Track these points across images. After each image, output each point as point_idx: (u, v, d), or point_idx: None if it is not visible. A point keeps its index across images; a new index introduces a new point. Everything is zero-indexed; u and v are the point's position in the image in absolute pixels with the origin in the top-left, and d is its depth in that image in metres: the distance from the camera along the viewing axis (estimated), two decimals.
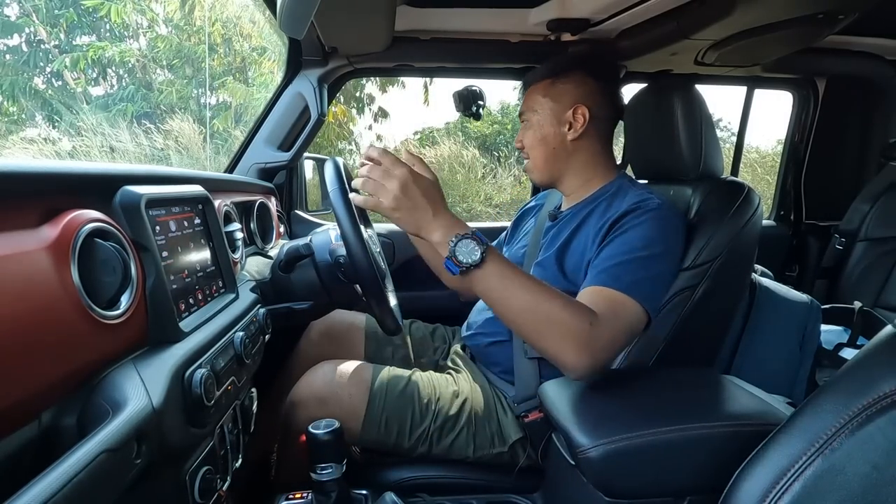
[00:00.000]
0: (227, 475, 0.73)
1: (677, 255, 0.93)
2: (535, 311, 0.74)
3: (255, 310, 0.84)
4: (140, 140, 5.48)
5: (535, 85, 1.05)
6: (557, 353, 0.75)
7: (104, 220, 0.54)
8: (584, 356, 0.74)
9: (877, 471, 0.45)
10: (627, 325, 0.81)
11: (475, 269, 0.73)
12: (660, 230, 0.89)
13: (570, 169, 1.05)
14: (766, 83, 1.75)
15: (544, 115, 1.03)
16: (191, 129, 5.32)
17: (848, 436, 0.47)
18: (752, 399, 0.79)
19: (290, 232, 1.56)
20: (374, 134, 7.37)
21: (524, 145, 1.07)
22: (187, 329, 0.63)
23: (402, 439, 0.96)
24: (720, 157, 1.07)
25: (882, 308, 1.46)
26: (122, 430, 0.45)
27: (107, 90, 7.23)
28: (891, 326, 0.52)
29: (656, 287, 0.87)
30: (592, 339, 0.75)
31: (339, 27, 1.13)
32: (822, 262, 1.67)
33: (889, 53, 1.54)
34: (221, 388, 0.64)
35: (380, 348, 1.22)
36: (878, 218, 1.52)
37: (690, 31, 1.08)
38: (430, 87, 7.18)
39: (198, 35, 6.49)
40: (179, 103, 6.47)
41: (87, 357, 0.49)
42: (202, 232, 0.78)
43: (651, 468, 0.72)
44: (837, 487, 0.47)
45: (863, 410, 0.47)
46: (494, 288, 0.74)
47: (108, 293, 0.54)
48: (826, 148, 1.76)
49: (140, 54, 6.89)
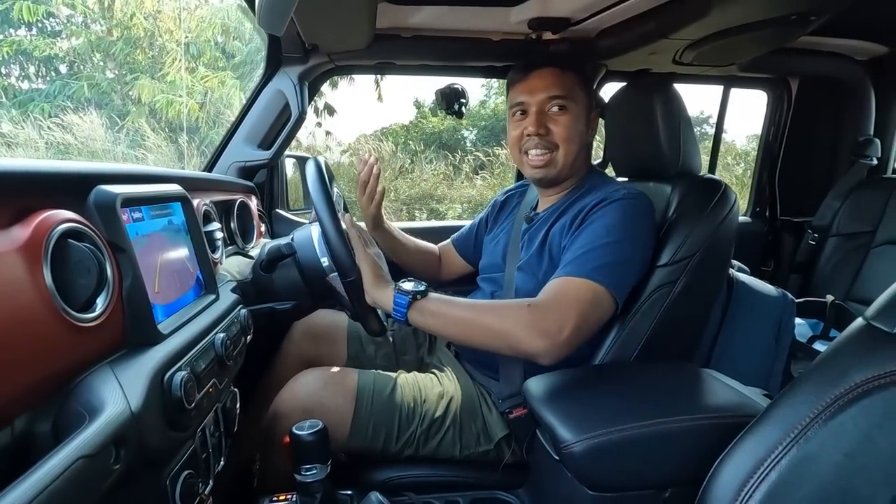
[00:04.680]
0: (209, 479, 0.72)
1: (643, 241, 0.93)
2: (475, 322, 0.85)
3: (236, 310, 0.83)
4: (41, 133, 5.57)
5: (565, 71, 0.99)
6: (514, 345, 0.82)
7: (78, 221, 0.53)
8: (535, 338, 0.81)
9: (848, 459, 0.47)
10: (583, 305, 0.84)
11: (415, 305, 0.86)
12: (623, 217, 0.91)
13: (578, 169, 1.05)
14: (741, 82, 1.79)
15: (581, 108, 0.99)
16: (90, 122, 5.54)
17: (821, 425, 0.49)
18: (730, 391, 0.81)
19: (271, 231, 1.54)
20: (324, 131, 7.34)
21: (552, 134, 0.98)
22: (166, 331, 0.62)
23: (389, 444, 0.95)
24: (698, 154, 1.10)
25: (853, 301, 1.51)
26: (99, 435, 0.44)
27: (30, 86, 7.02)
28: (861, 319, 0.54)
29: (619, 270, 0.88)
30: (536, 321, 0.81)
31: (320, 24, 1.11)
32: (796, 257, 1.72)
33: (858, 54, 1.59)
34: (202, 391, 0.63)
35: (363, 347, 1.21)
36: (849, 214, 1.57)
37: (668, 30, 1.09)
38: (381, 83, 7.14)
39: (118, 29, 6.37)
40: (103, 98, 6.34)
41: (62, 361, 0.48)
42: (181, 232, 0.77)
43: (633, 461, 0.73)
44: (811, 476, 0.48)
45: (835, 401, 0.49)
46: (436, 312, 0.86)
47: (83, 295, 0.52)
48: (799, 146, 1.80)
49: (56, 48, 6.71)
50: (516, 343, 0.82)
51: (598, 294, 0.85)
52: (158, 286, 0.66)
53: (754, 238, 1.86)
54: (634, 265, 0.92)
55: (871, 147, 1.63)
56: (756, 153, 1.97)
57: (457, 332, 0.87)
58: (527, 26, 1.21)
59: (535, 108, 0.99)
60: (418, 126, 8.09)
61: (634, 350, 0.95)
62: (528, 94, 1.00)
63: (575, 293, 0.85)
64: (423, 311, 0.86)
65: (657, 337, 0.94)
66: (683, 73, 1.45)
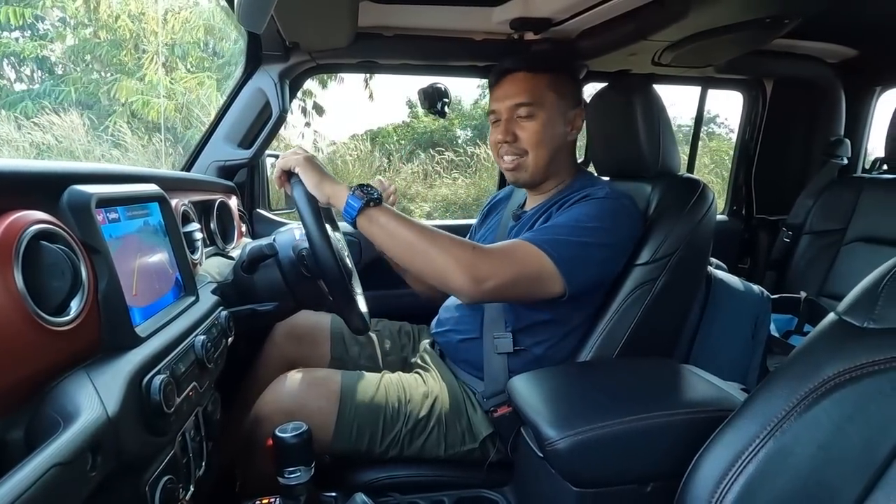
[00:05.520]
0: (189, 484, 0.71)
1: (615, 240, 0.93)
2: (418, 246, 0.84)
3: (216, 312, 0.82)
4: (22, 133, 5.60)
5: (536, 74, 0.99)
6: (443, 277, 0.83)
7: (50, 222, 0.51)
8: (465, 277, 0.82)
9: (822, 450, 0.48)
10: (523, 268, 0.86)
11: (367, 210, 0.84)
12: (600, 212, 0.92)
13: (557, 170, 1.04)
14: (718, 84, 1.83)
15: (553, 110, 0.99)
16: (70, 122, 5.60)
17: (796, 418, 0.50)
18: (709, 387, 0.83)
19: (252, 231, 1.52)
20: (312, 131, 7.31)
21: (520, 140, 0.99)
22: (144, 334, 0.61)
23: (373, 445, 0.95)
24: (677, 154, 1.12)
25: (825, 296, 1.55)
26: (74, 441, 0.42)
27: (28, 86, 6.97)
28: (833, 314, 0.55)
29: (576, 254, 0.88)
30: (474, 263, 0.83)
31: (301, 22, 1.10)
32: (772, 255, 1.76)
33: (829, 57, 1.64)
34: (182, 395, 0.62)
35: (346, 348, 1.21)
36: (821, 212, 1.61)
37: (648, 32, 1.11)
38: (370, 83, 7.12)
39: (104, 31, 6.35)
40: (89, 99, 6.30)
41: (35, 366, 0.47)
42: (159, 233, 0.75)
43: (616, 457, 0.74)
44: (787, 468, 0.49)
45: (809, 394, 0.50)
46: (385, 224, 0.84)
47: (57, 298, 0.51)
48: (774, 146, 1.85)
49: (47, 49, 6.68)
50: (445, 275, 0.83)
51: (545, 267, 0.86)
52: (136, 288, 0.64)
53: (731, 236, 1.90)
54: (596, 258, 0.90)
55: (841, 147, 1.68)
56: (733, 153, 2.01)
57: (399, 251, 0.86)
58: (509, 26, 1.22)
59: (504, 115, 1.01)
60: (410, 126, 8.11)
61: (617, 347, 0.96)
62: (498, 101, 1.02)
63: (522, 255, 0.87)
64: (373, 219, 0.84)
65: (638, 334, 0.96)
66: (662, 73, 1.48)
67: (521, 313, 0.99)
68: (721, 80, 1.80)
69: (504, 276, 0.84)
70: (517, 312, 0.99)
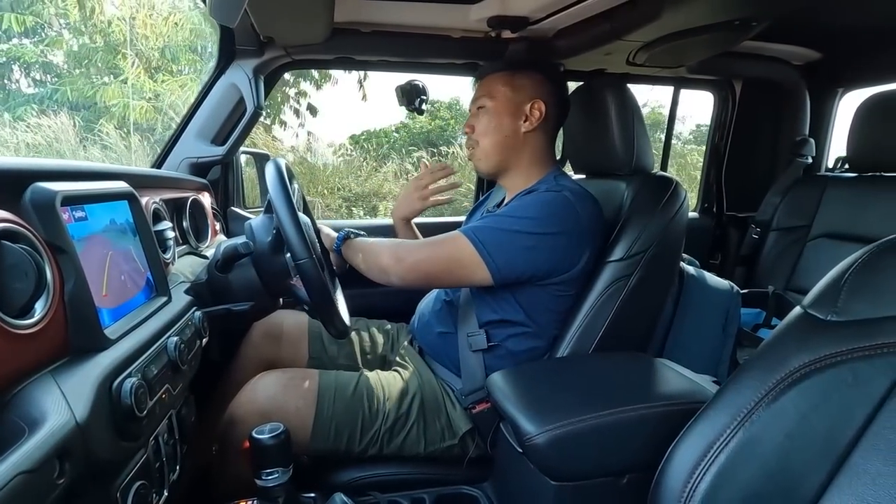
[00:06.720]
0: (163, 489, 0.69)
1: (546, 228, 0.92)
2: (370, 252, 1.01)
3: (190, 313, 0.80)
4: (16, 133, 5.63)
5: (495, 74, 1.06)
6: (377, 257, 0.99)
7: (12, 221, 0.49)
8: (389, 255, 0.97)
9: (788, 439, 0.50)
10: (442, 249, 0.95)
11: (346, 244, 1.06)
12: (535, 202, 0.96)
13: (516, 162, 1.07)
14: (690, 84, 1.87)
15: (502, 102, 1.04)
16: (59, 124, 5.73)
17: (765, 409, 0.52)
18: (682, 380, 0.85)
19: (227, 230, 1.48)
20: (306, 132, 7.28)
21: (475, 130, 1.07)
22: (114, 336, 0.59)
23: (352, 444, 0.94)
24: (651, 152, 1.14)
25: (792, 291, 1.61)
26: (40, 448, 0.41)
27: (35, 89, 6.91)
28: (799, 308, 0.57)
29: (501, 240, 0.92)
30: (399, 244, 0.99)
31: (275, 16, 1.08)
32: (741, 251, 1.81)
33: (795, 59, 1.69)
34: (155, 398, 0.61)
35: (325, 347, 1.19)
36: (787, 209, 1.67)
37: (622, 32, 1.13)
38: (364, 83, 7.10)
39: (99, 35, 6.35)
40: (86, 102, 6.26)
41: None
42: (128, 231, 0.73)
43: (593, 450, 0.75)
44: (756, 456, 0.51)
45: (777, 385, 0.52)
46: (356, 249, 1.04)
47: (20, 300, 0.49)
48: (743, 145, 1.90)
49: (39, 53, 6.59)
50: (378, 258, 0.98)
51: (466, 252, 0.92)
52: (106, 289, 0.62)
53: (703, 233, 1.94)
54: (519, 246, 0.91)
55: (806, 146, 1.74)
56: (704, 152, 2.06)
57: (364, 265, 1.01)
58: (486, 24, 1.22)
59: (471, 112, 1.10)
60: (406, 126, 8.10)
61: (593, 342, 0.97)
62: (471, 102, 1.12)
63: (443, 240, 0.96)
64: (350, 246, 1.05)
65: (614, 329, 0.97)
66: (637, 73, 1.50)
67: (489, 306, 1.01)
68: (693, 80, 1.84)
69: (420, 255, 0.96)
70: (486, 305, 1.01)
